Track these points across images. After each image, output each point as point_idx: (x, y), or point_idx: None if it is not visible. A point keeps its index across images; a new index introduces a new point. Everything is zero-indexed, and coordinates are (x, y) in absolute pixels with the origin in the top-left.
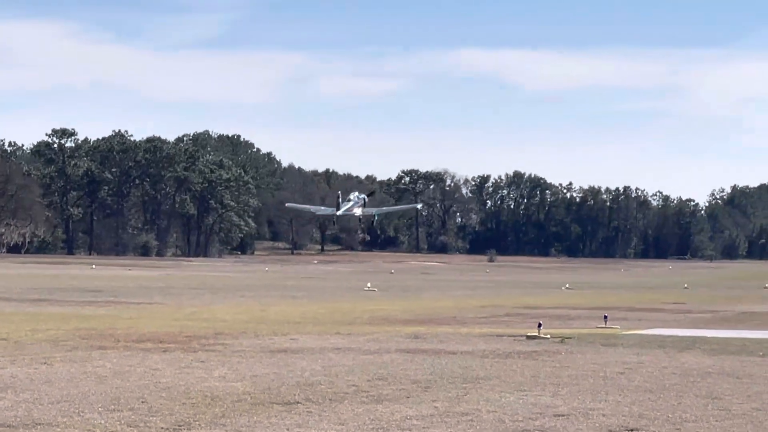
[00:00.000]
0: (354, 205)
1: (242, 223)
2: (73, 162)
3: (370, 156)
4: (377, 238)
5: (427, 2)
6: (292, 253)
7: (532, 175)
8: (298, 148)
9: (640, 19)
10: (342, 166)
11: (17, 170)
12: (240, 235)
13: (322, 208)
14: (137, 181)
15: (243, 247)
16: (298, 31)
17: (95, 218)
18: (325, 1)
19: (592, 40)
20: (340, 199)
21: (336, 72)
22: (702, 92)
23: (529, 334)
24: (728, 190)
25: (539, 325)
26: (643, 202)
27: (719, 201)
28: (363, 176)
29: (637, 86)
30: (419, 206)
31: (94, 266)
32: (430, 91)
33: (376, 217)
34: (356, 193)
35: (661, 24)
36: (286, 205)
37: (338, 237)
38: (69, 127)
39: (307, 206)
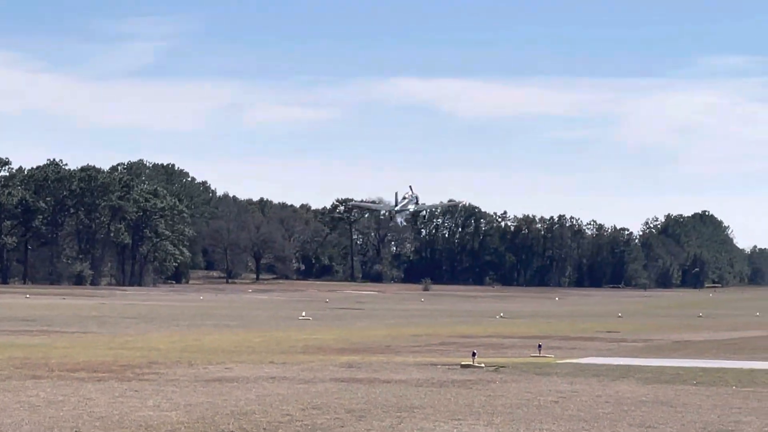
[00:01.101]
0: (408, 202)
1: (177, 252)
2: (7, 191)
3: (305, 185)
4: (312, 267)
5: (360, 31)
6: (227, 282)
7: (467, 204)
8: (232, 177)
9: (574, 49)
10: (276, 195)
11: None
12: (175, 264)
13: (383, 204)
14: (72, 210)
15: (178, 276)
16: (232, 60)
17: (29, 247)
18: (258, 29)
19: (527, 68)
20: (398, 197)
21: (270, 100)
22: (636, 121)
23: (463, 363)
24: (662, 219)
25: (473, 354)
26: (577, 231)
27: (653, 230)
28: (298, 205)
29: (572, 115)
30: (459, 202)
31: (28, 295)
32: (364, 120)
33: (425, 213)
34: (409, 192)
35: (595, 53)
36: (350, 204)
37: (273, 266)
38: (3, 156)
39: (369, 203)
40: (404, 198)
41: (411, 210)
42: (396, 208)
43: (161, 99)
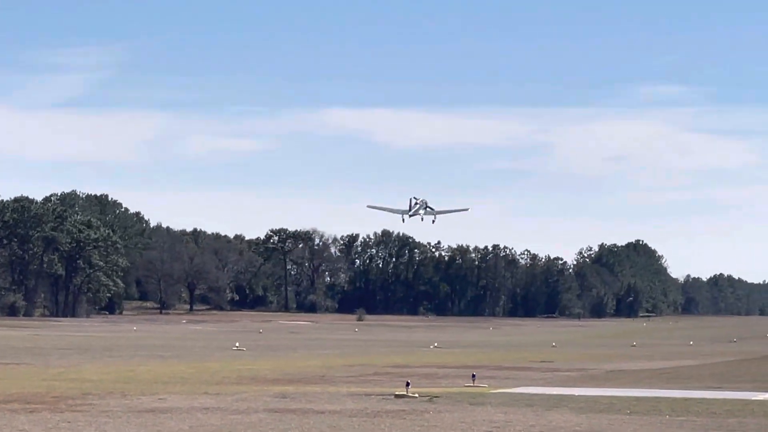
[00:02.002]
0: (419, 208)
1: (110, 282)
2: None
3: (239, 215)
4: (246, 297)
5: (292, 62)
6: (161, 313)
7: (401, 234)
8: (166, 208)
9: (506, 78)
10: (210, 226)
11: None
12: (108, 294)
13: (397, 208)
14: (5, 241)
15: (111, 307)
16: (165, 91)
17: None
18: (190, 60)
19: (459, 99)
20: (411, 203)
21: (203, 131)
22: (569, 151)
23: (397, 393)
24: (596, 248)
25: (407, 384)
26: (511, 261)
27: (587, 259)
28: (232, 235)
29: (505, 145)
30: (466, 209)
31: None
32: (297, 150)
33: (435, 218)
34: (422, 198)
35: (528, 83)
36: (367, 206)
37: (207, 297)
38: None
39: (388, 207)
40: (416, 204)
41: (422, 214)
42: (410, 213)
43: (94, 129)
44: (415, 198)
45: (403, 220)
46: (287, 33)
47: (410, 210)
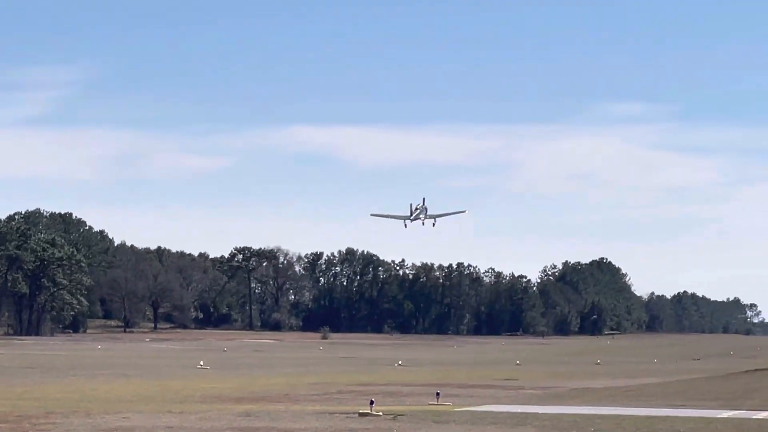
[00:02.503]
0: (420, 213)
1: (75, 301)
2: None
3: (203, 233)
4: (210, 315)
5: (256, 79)
6: (125, 331)
7: (365, 252)
8: (130, 226)
9: (470, 96)
10: (174, 244)
11: None
12: (72, 313)
13: (399, 214)
14: None
15: (75, 326)
16: (129, 109)
17: None
18: (154, 78)
19: (425, 116)
20: (412, 208)
21: (167, 149)
22: (533, 168)
23: (361, 411)
24: (560, 266)
25: (371, 403)
26: (475, 279)
27: (551, 277)
28: (196, 254)
29: (469, 162)
30: (463, 211)
31: None
32: (261, 168)
33: (434, 222)
34: (421, 204)
35: (492, 100)
36: (371, 214)
37: (171, 315)
38: None
39: (390, 214)
40: (416, 209)
41: (422, 219)
42: (411, 218)
43: (57, 148)
44: (421, 203)
45: (405, 225)
46: (251, 51)
47: (411, 215)
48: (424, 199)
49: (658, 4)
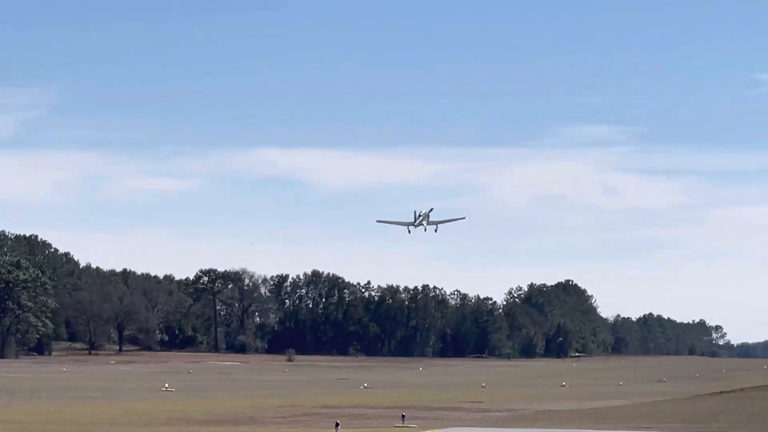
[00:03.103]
0: (423, 219)
1: (40, 323)
2: None
3: (168, 255)
4: (176, 337)
5: (221, 103)
6: (90, 354)
7: (330, 275)
8: (95, 248)
9: (435, 119)
10: (140, 266)
11: None
12: (37, 335)
13: (403, 221)
14: None
15: (40, 348)
16: (94, 131)
17: None
18: (120, 101)
19: (388, 139)
20: (416, 215)
21: (133, 171)
22: (499, 191)
23: None
24: (525, 288)
25: (337, 425)
26: (441, 301)
27: (517, 299)
28: (161, 276)
29: (435, 185)
30: (463, 218)
31: None
32: (226, 190)
33: (437, 228)
34: (424, 210)
35: (458, 124)
36: (376, 221)
37: (136, 337)
38: None
39: (395, 220)
40: (419, 216)
41: (425, 225)
42: (415, 224)
43: (23, 170)
44: (423, 210)
45: (409, 231)
46: (216, 74)
47: (415, 221)
48: (432, 209)
49: (623, 28)
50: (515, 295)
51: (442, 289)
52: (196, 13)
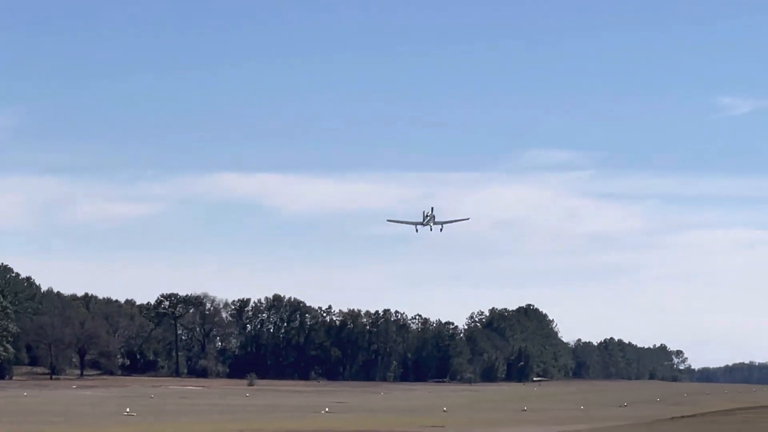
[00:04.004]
0: (430, 220)
1: (0, 348)
2: None
3: (129, 280)
4: (137, 362)
5: (183, 127)
6: (51, 378)
7: (292, 299)
8: (57, 272)
9: (395, 143)
10: (101, 290)
11: None
12: None
13: (413, 221)
14: None
15: (1, 373)
16: (55, 156)
17: None
18: (81, 126)
19: (349, 163)
20: (425, 214)
21: (94, 196)
22: (460, 215)
23: None
24: (487, 312)
25: None
26: (402, 326)
27: (478, 324)
28: (123, 300)
29: (395, 209)
30: (466, 218)
31: None
32: (188, 215)
33: (442, 228)
34: (429, 211)
35: (419, 149)
36: (387, 220)
37: (98, 362)
38: None
39: (405, 220)
40: (426, 216)
41: (432, 225)
42: (423, 223)
43: None
44: (429, 210)
45: (417, 230)
46: (177, 98)
47: (423, 221)
48: (432, 208)
49: (583, 53)
50: (476, 319)
51: (403, 313)
52: (156, 38)
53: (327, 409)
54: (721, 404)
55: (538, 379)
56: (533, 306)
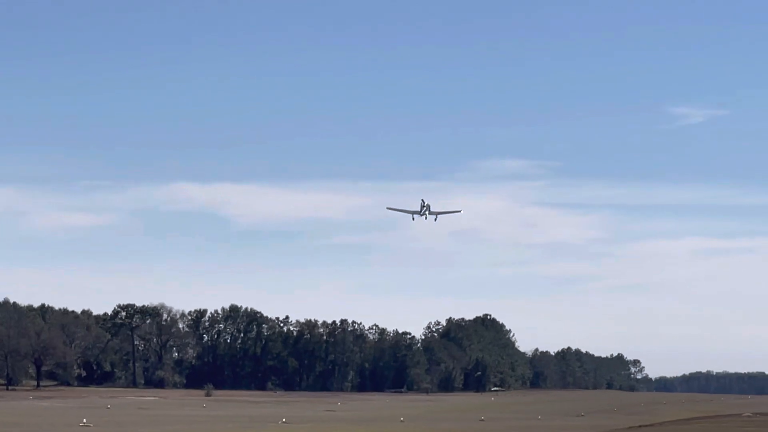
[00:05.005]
0: (426, 210)
1: None
2: None
3: (86, 290)
4: (94, 373)
5: (138, 136)
6: (7, 389)
7: (249, 309)
8: (12, 283)
9: (350, 153)
10: (57, 301)
11: None
12: None
13: (411, 209)
14: None
15: None
16: (10, 166)
17: None
18: (36, 136)
19: (304, 173)
20: (422, 203)
21: (49, 206)
22: (415, 226)
23: None
24: (444, 322)
25: None
26: (359, 336)
27: (435, 334)
28: (79, 311)
29: (351, 219)
30: (457, 211)
31: None
32: (143, 225)
33: (436, 217)
34: (426, 202)
35: (373, 158)
36: (387, 208)
37: (54, 373)
38: None
39: (403, 209)
40: (424, 206)
41: (428, 214)
42: (420, 213)
43: None
44: (426, 202)
45: (413, 218)
46: (132, 108)
47: (421, 210)
48: (422, 201)
49: (537, 63)
50: (434, 329)
51: (360, 323)
52: (111, 49)
53: (284, 420)
54: (679, 414)
55: (496, 389)
56: (490, 316)
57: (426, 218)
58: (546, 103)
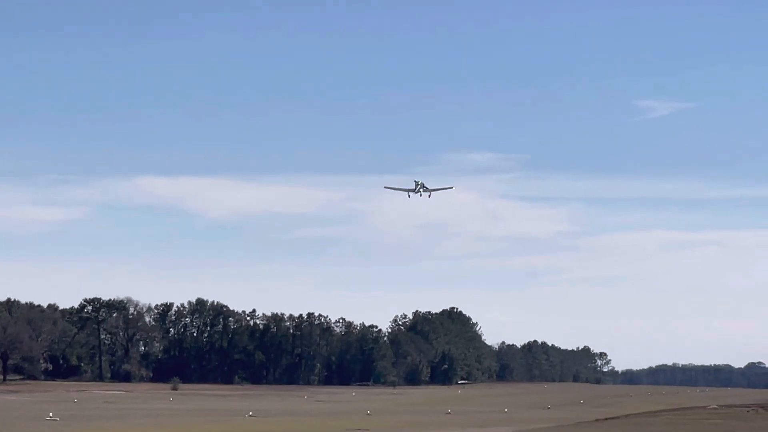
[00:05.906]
0: (420, 188)
1: None
2: None
3: (52, 284)
4: (60, 367)
5: (103, 130)
6: None
7: (215, 303)
8: None
9: (317, 146)
10: (24, 295)
11: None
12: None
13: (406, 187)
14: None
15: None
16: None
17: None
18: (1, 130)
19: (269, 166)
20: (417, 183)
21: (14, 200)
22: (382, 218)
23: None
24: (410, 315)
25: None
26: (326, 329)
27: (402, 327)
28: (45, 305)
29: (317, 213)
30: (450, 187)
31: None
32: (109, 219)
33: (430, 194)
34: (420, 181)
35: (340, 151)
36: (384, 186)
37: (20, 366)
38: None
39: (400, 187)
40: (418, 184)
41: (422, 192)
42: (415, 190)
43: None
44: (420, 181)
45: (409, 195)
46: (98, 101)
47: (415, 188)
48: (415, 181)
49: (506, 56)
50: (400, 322)
51: (327, 316)
52: (78, 39)
53: (251, 413)
54: (645, 406)
55: (462, 381)
56: (457, 309)
57: (421, 195)
58: (513, 96)
